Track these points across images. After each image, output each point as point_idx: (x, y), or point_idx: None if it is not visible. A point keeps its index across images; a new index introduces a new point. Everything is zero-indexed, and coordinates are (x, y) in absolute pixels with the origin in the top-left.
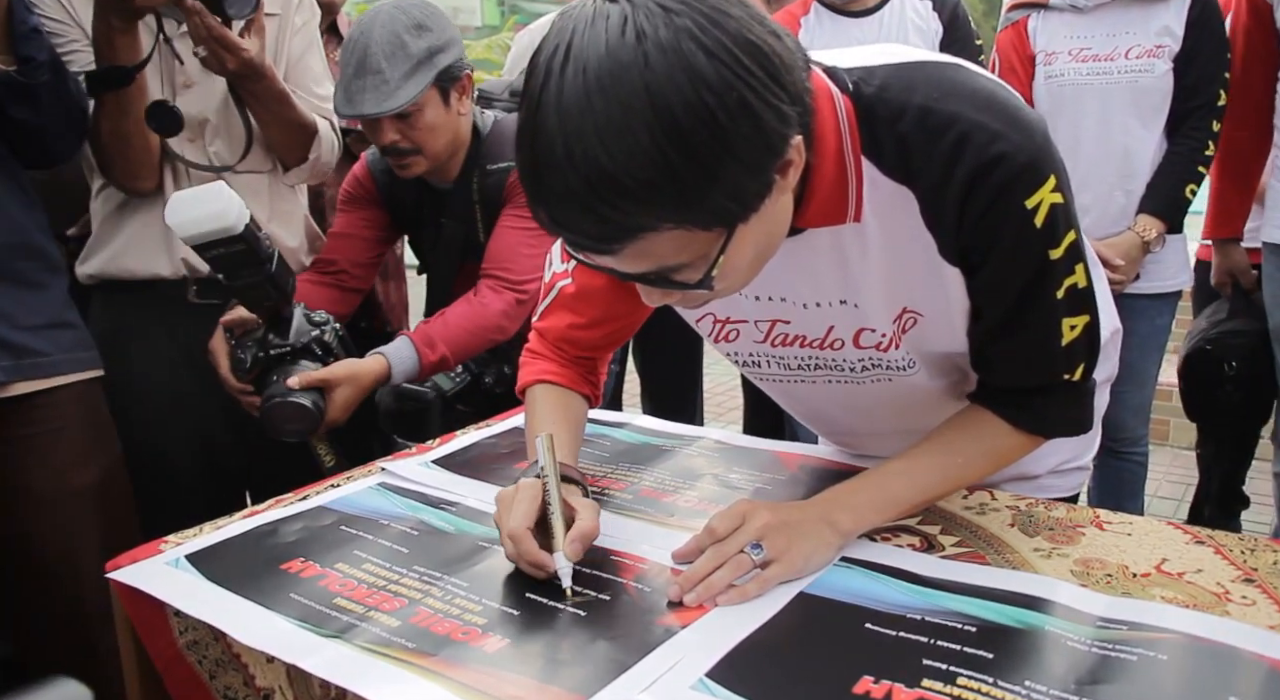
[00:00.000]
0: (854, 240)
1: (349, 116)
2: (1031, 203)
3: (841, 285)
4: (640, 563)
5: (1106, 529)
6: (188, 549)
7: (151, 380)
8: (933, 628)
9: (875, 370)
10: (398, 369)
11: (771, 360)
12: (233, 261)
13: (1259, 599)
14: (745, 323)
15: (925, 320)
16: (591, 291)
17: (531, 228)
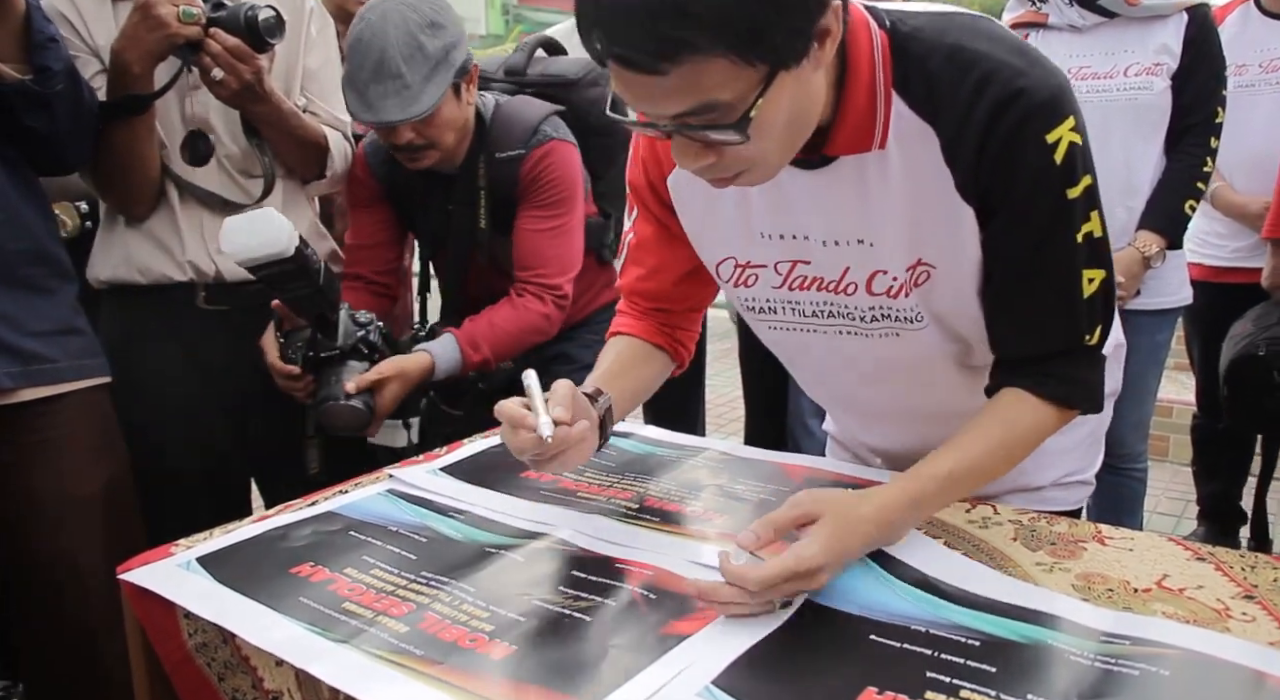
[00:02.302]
0: (877, 171)
1: (370, 123)
2: (1052, 137)
3: (861, 222)
4: (645, 570)
5: (1108, 544)
6: (198, 552)
7: (159, 385)
8: (936, 640)
9: (884, 322)
10: (442, 366)
11: (787, 306)
12: (282, 277)
13: (1259, 616)
14: (765, 267)
15: (938, 273)
16: (646, 240)
17: (553, 227)
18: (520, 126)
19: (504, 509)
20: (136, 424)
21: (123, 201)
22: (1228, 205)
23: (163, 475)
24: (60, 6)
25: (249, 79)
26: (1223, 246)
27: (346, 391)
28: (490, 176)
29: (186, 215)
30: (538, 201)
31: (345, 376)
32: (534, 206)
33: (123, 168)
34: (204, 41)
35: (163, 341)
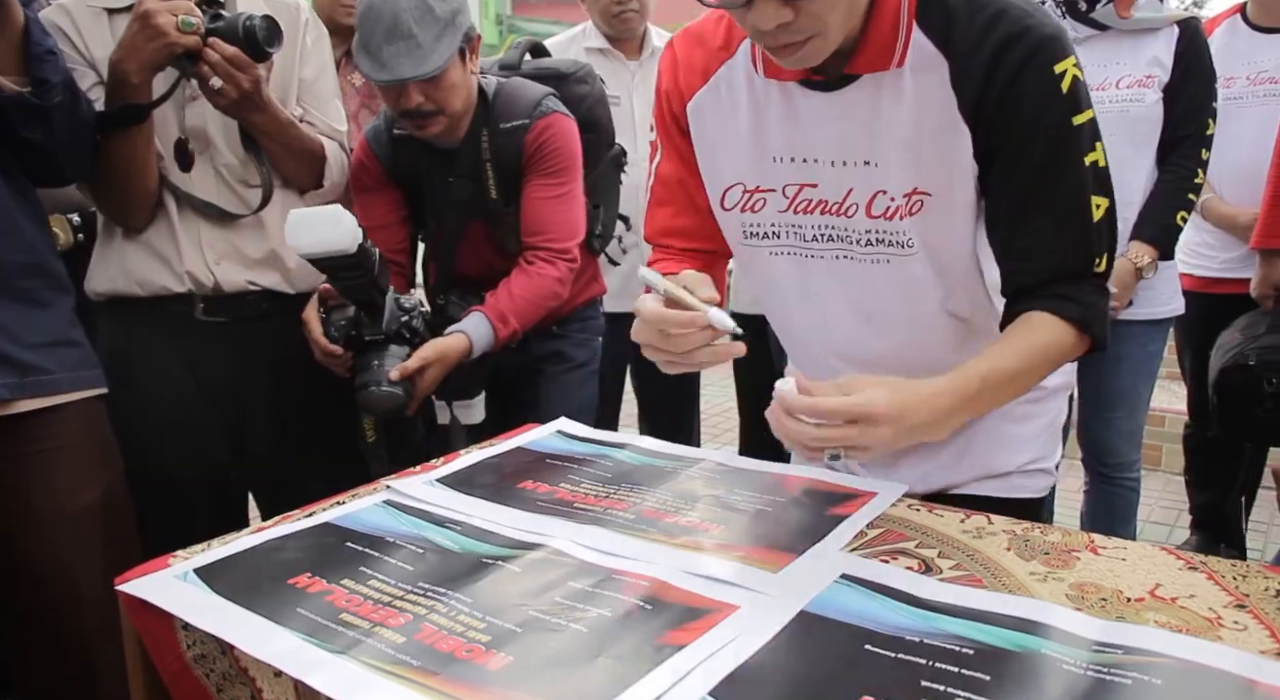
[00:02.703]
0: (890, 93)
1: (384, 82)
2: (1058, 68)
3: (868, 143)
4: (642, 580)
5: (1101, 554)
6: (196, 563)
7: (157, 396)
8: (931, 650)
9: (879, 247)
10: (478, 344)
11: (789, 230)
12: (340, 268)
13: (1250, 625)
14: (773, 191)
15: (931, 203)
16: (671, 178)
17: (558, 194)
18: (523, 100)
19: (501, 520)
20: (135, 435)
21: (120, 212)
22: (1217, 217)
23: (160, 486)
24: (57, 19)
25: (247, 88)
26: (1213, 257)
27: (389, 378)
28: (496, 148)
29: (184, 226)
30: (543, 170)
31: (387, 362)
32: (539, 175)
33: (121, 178)
34: (203, 51)
35: (161, 353)
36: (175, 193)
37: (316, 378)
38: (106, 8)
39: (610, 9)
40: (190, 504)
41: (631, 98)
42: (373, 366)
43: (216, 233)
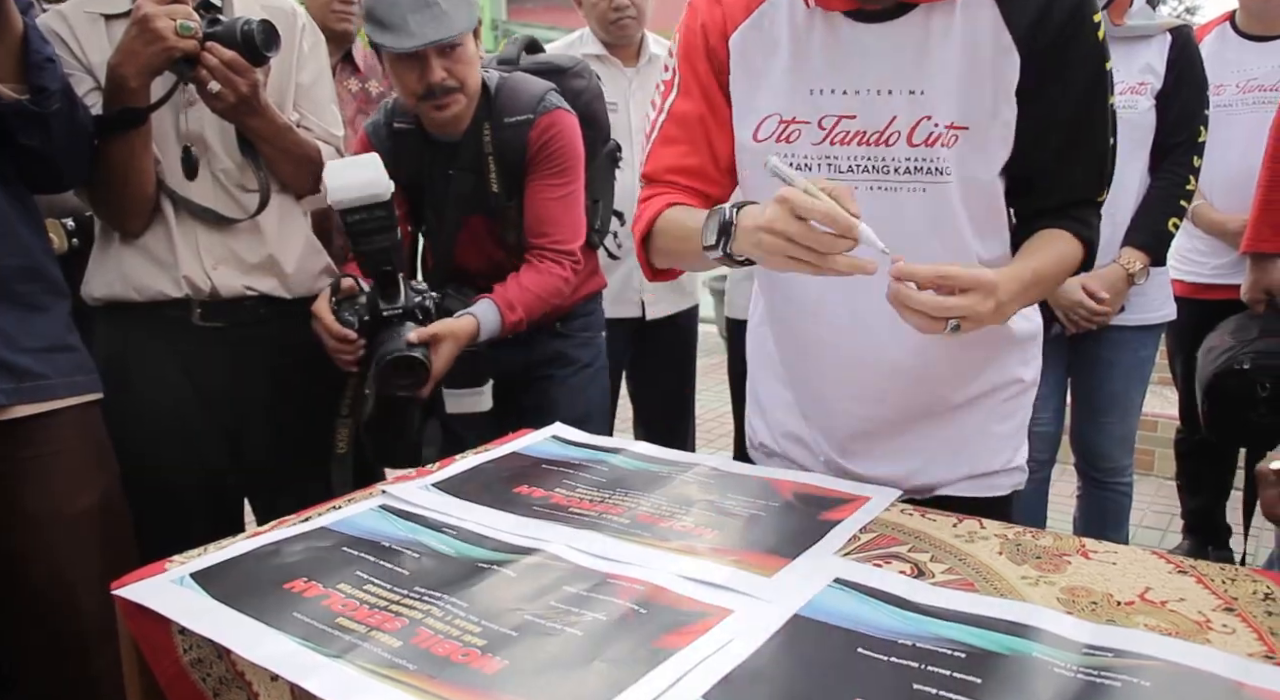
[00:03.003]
0: (941, 23)
1: (415, 48)
2: (1096, 18)
3: (917, 72)
4: (637, 584)
5: (1092, 558)
6: (192, 568)
7: (154, 401)
8: (923, 653)
9: (917, 175)
10: (485, 327)
11: (823, 162)
12: (369, 227)
13: (1239, 627)
14: (808, 124)
15: (967, 136)
16: (689, 117)
17: (563, 195)
18: (526, 95)
19: (496, 525)
20: (131, 440)
21: (118, 217)
22: (1208, 223)
23: (157, 491)
24: (54, 25)
25: (245, 92)
26: (1204, 263)
27: (409, 341)
28: (498, 141)
29: (182, 231)
30: (549, 169)
31: (404, 334)
32: (545, 175)
33: (119, 182)
34: (201, 55)
35: (158, 358)
36: (173, 197)
37: (313, 383)
38: (103, 13)
39: (608, 15)
40: (187, 509)
41: (629, 104)
42: (392, 337)
43: (214, 238)
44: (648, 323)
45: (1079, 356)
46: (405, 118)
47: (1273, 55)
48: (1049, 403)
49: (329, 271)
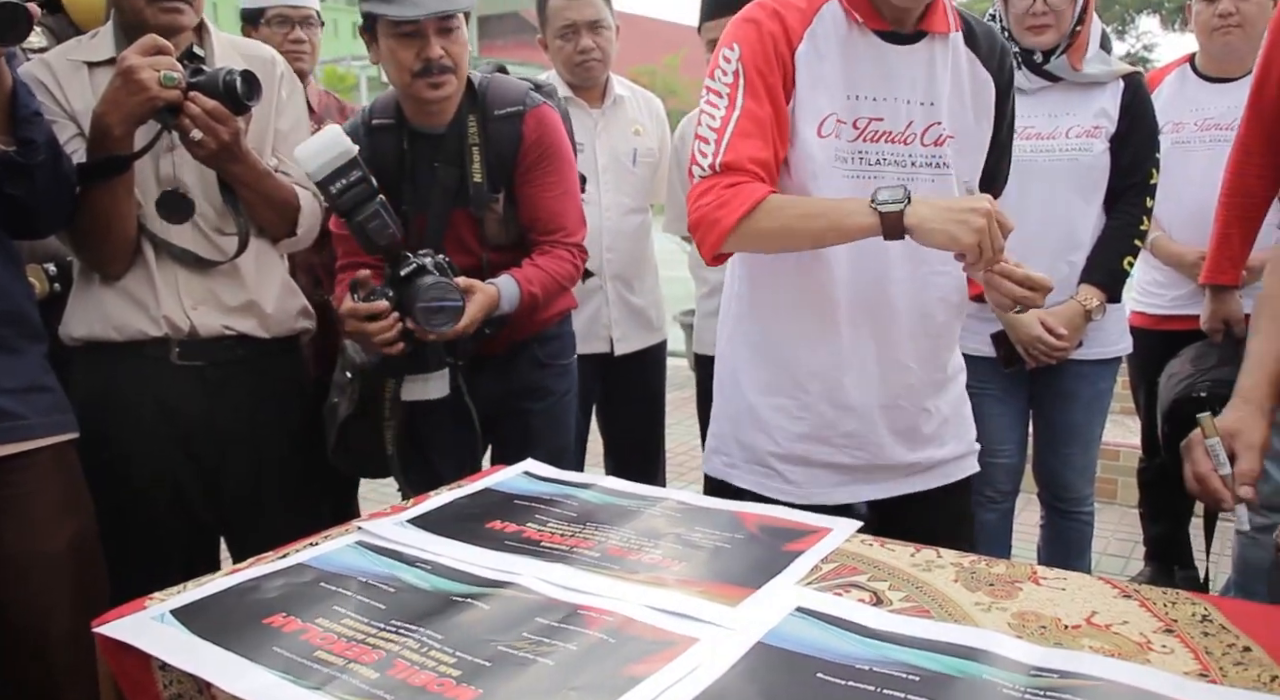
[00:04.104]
0: (941, 50)
1: (420, 17)
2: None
3: (930, 87)
4: (607, 616)
5: (1042, 584)
6: (172, 604)
7: (132, 440)
8: (880, 677)
9: (927, 169)
10: (506, 296)
11: (856, 156)
12: (354, 195)
13: (1177, 648)
14: (845, 124)
15: (958, 139)
16: (764, 118)
17: (563, 190)
18: (513, 89)
19: (470, 559)
20: (108, 477)
21: (99, 260)
22: (1166, 255)
23: (133, 528)
24: (38, 73)
25: (227, 140)
26: (1162, 295)
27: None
28: (486, 133)
29: (163, 272)
30: (546, 165)
31: (436, 276)
32: (543, 171)
33: (101, 228)
34: (184, 104)
35: (137, 396)
36: (153, 240)
37: (290, 422)
38: (87, 61)
39: (573, 58)
40: (162, 546)
41: (594, 144)
42: (421, 285)
43: (193, 279)
44: (616, 358)
45: (1040, 390)
46: (385, 114)
47: (1229, 96)
48: (1011, 435)
49: (306, 313)
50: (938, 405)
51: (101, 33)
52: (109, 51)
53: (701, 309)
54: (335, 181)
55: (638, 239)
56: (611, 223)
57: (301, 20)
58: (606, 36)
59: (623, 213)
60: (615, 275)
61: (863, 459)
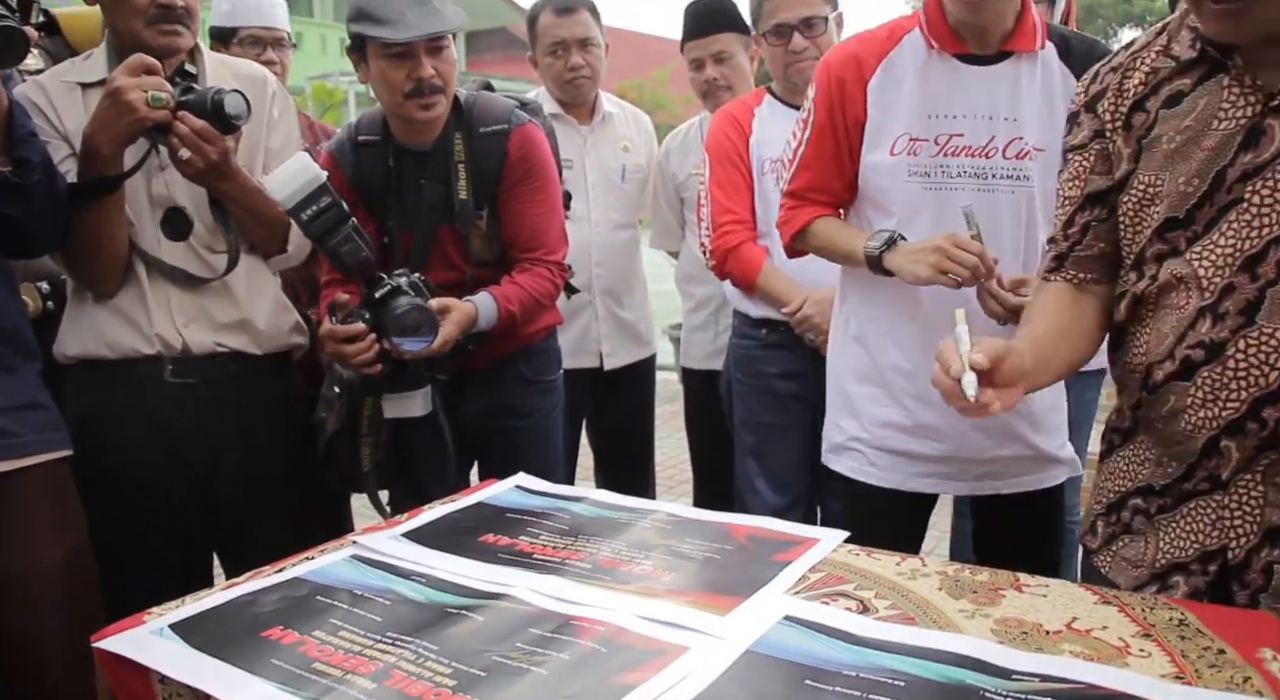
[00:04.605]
0: (1029, 68)
1: (413, 39)
2: None
3: (1012, 104)
4: (599, 625)
5: (1025, 591)
6: (170, 619)
7: (125, 456)
8: (866, 683)
9: (1008, 181)
10: (484, 314)
11: (938, 169)
12: (325, 221)
13: (1154, 651)
14: (927, 141)
15: (1044, 155)
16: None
17: (546, 208)
18: (499, 107)
19: (464, 572)
20: (103, 494)
21: (91, 279)
22: None
23: (126, 545)
24: (31, 94)
25: (215, 159)
26: None
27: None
28: (473, 150)
29: (155, 290)
30: (530, 183)
31: (410, 297)
32: (527, 188)
33: (93, 247)
34: (173, 124)
35: (130, 413)
36: (145, 258)
37: (283, 437)
38: (79, 82)
39: (563, 75)
40: (156, 563)
41: (584, 161)
42: (398, 303)
43: (185, 297)
44: (606, 373)
45: None
46: (371, 131)
47: None
48: None
49: (299, 329)
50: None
51: (95, 54)
52: (102, 72)
53: (689, 323)
54: (306, 209)
55: (627, 254)
56: (601, 238)
57: (274, 42)
58: (596, 54)
59: (612, 228)
60: (605, 290)
61: (941, 450)
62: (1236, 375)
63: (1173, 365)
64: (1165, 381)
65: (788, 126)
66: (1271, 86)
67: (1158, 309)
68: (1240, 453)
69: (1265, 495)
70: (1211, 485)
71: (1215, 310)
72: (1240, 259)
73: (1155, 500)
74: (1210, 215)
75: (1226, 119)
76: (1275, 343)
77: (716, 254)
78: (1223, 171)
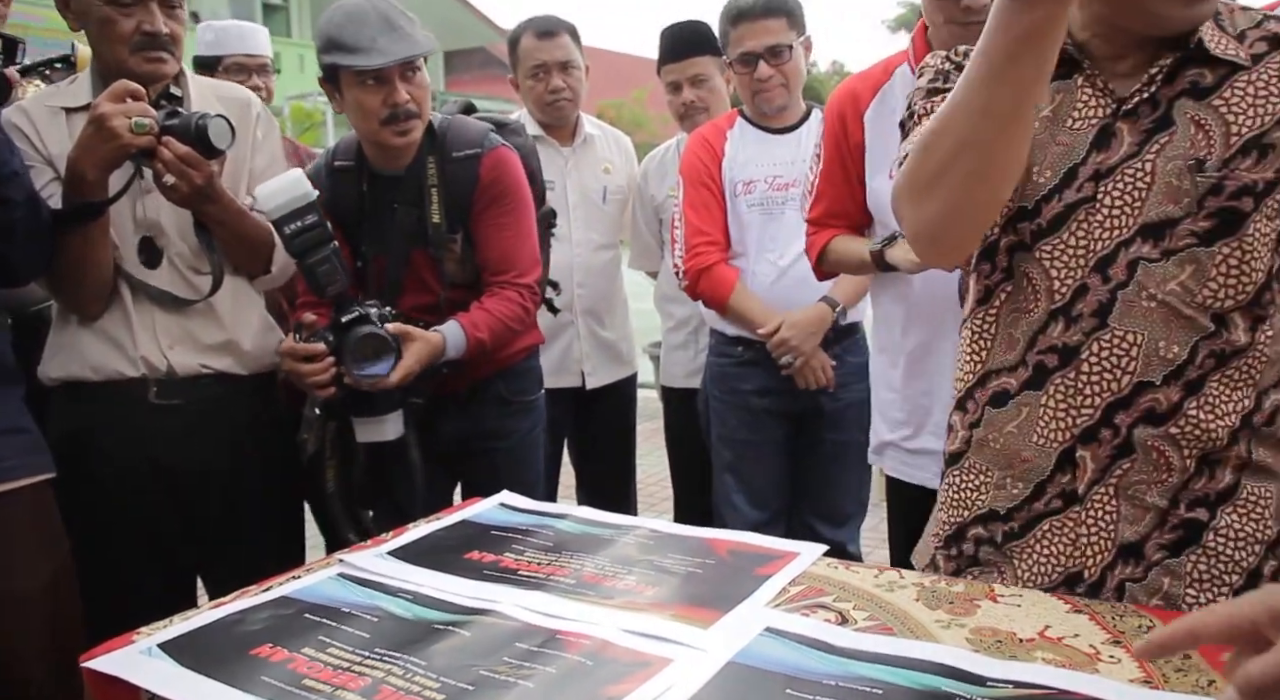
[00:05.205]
0: None
1: (386, 64)
2: None
3: None
4: (584, 639)
5: (999, 601)
6: (159, 638)
7: (109, 478)
8: (845, 692)
9: None
10: (451, 343)
11: None
12: (308, 239)
13: (1124, 658)
14: None
15: None
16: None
17: (517, 231)
18: (473, 131)
19: (450, 588)
20: (86, 516)
21: (77, 302)
22: None
23: (110, 566)
24: (15, 120)
25: (200, 184)
26: None
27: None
28: (446, 174)
29: (139, 312)
30: (501, 205)
31: (373, 325)
32: (498, 211)
33: (78, 271)
34: (157, 149)
35: (114, 435)
36: (130, 281)
37: (269, 459)
38: (64, 107)
39: (544, 97)
40: (141, 585)
41: (565, 182)
42: (360, 328)
43: (170, 319)
44: (588, 392)
45: None
46: (346, 156)
47: None
48: None
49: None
50: None
51: (80, 78)
52: (86, 97)
53: (669, 342)
54: (292, 223)
55: (608, 275)
56: (582, 259)
57: (258, 68)
58: (577, 76)
59: (593, 249)
60: (586, 310)
61: None
62: (1090, 380)
63: (1025, 372)
64: (1018, 391)
65: (760, 148)
66: (1121, 94)
67: (1003, 312)
68: (1094, 463)
69: (1118, 509)
70: (1065, 502)
71: (1068, 313)
72: (1093, 260)
73: (1001, 526)
74: (1057, 210)
75: (1080, 118)
76: (1127, 346)
77: (689, 275)
78: (1074, 169)
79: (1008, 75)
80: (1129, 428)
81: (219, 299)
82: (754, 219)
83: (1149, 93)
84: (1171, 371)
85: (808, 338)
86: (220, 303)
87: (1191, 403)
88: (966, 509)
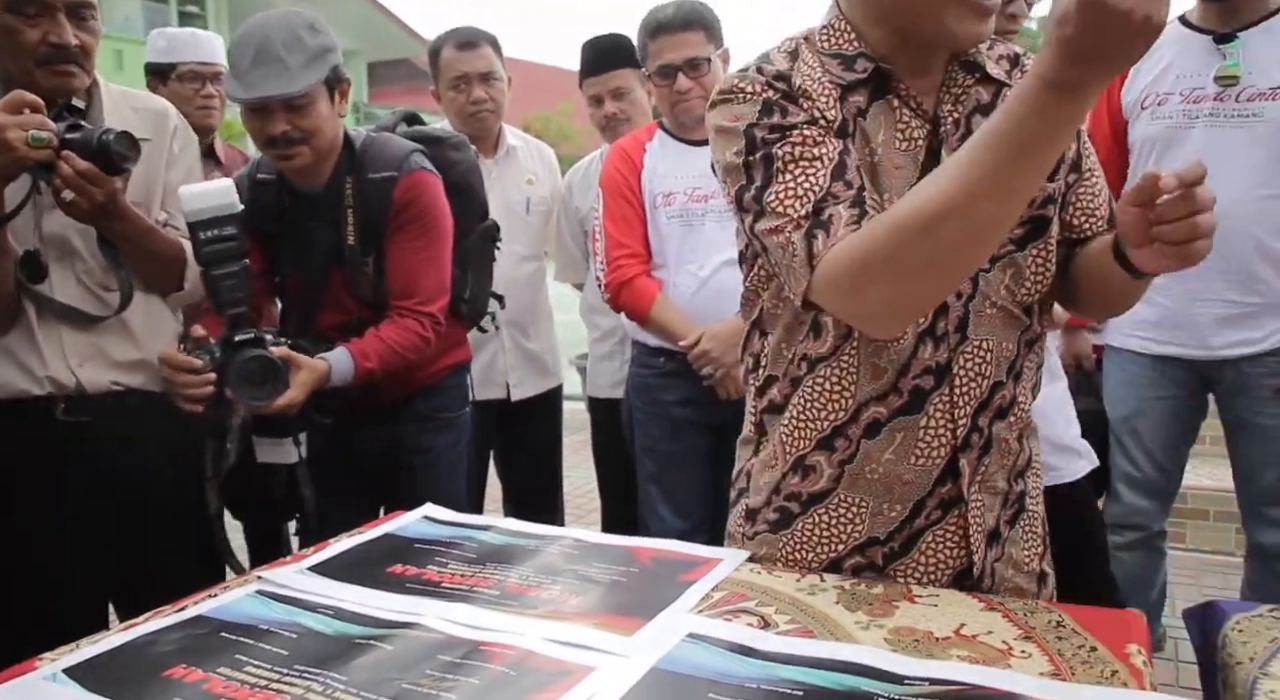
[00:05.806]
0: None
1: (250, 100)
2: None
3: None
4: (508, 650)
5: (917, 602)
6: (64, 663)
7: (15, 499)
8: (767, 694)
9: None
10: (337, 371)
11: None
12: (221, 251)
13: (1034, 652)
14: None
15: None
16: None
17: (427, 257)
18: (392, 152)
19: (372, 602)
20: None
21: None
22: None
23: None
24: None
25: (101, 200)
26: None
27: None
28: (360, 195)
29: (45, 330)
30: (412, 229)
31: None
32: (408, 235)
33: None
34: (56, 164)
35: (20, 455)
36: (35, 298)
37: (182, 476)
38: None
39: (465, 109)
40: (49, 609)
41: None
42: (251, 350)
43: (78, 336)
44: (513, 404)
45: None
46: (269, 169)
47: None
48: None
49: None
50: None
51: None
52: None
53: (595, 353)
54: (208, 229)
55: (532, 286)
56: (506, 271)
57: (212, 77)
58: (499, 87)
59: (517, 261)
60: (511, 322)
61: None
62: (963, 392)
63: (899, 398)
64: (889, 418)
65: (679, 160)
66: (934, 113)
67: (863, 343)
68: (969, 468)
69: (983, 501)
70: (944, 511)
71: (933, 333)
72: None
73: (880, 549)
74: None
75: (905, 139)
76: (984, 353)
77: (610, 288)
78: None
79: (1045, 157)
80: (989, 426)
81: (131, 315)
82: (674, 230)
83: (957, 114)
84: (1009, 367)
85: (728, 350)
86: (133, 319)
87: (1019, 389)
88: (841, 542)
